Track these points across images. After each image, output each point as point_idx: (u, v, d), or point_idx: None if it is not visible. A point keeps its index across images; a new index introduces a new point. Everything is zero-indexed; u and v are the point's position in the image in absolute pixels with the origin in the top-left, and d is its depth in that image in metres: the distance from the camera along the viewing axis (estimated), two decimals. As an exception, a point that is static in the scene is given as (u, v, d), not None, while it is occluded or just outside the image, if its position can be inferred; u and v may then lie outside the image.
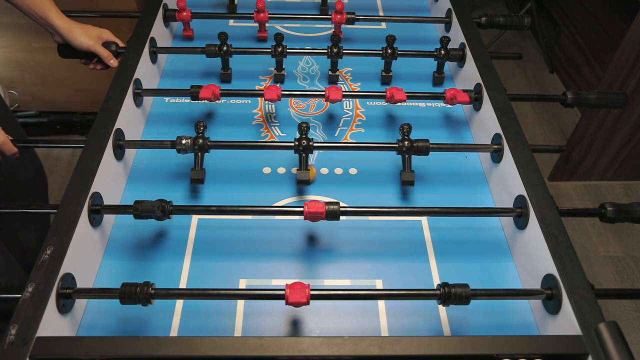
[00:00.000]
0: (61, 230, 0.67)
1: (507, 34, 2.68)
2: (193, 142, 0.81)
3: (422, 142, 0.82)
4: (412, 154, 0.83)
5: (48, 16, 0.96)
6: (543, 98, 1.00)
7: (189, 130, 0.97)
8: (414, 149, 0.82)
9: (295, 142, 0.82)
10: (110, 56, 1.02)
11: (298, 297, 0.62)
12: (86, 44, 0.99)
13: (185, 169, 0.89)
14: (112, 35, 1.04)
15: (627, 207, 0.78)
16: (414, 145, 0.82)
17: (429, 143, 0.82)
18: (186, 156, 0.89)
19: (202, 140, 0.82)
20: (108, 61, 1.02)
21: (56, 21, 0.97)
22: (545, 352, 0.58)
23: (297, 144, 0.82)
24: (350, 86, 1.09)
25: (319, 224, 0.80)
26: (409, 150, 0.83)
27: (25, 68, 1.88)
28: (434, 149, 0.83)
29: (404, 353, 0.56)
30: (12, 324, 0.57)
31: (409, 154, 0.83)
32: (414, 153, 0.83)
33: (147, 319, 0.69)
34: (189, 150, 0.82)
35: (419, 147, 0.82)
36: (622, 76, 1.68)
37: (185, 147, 0.81)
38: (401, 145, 0.83)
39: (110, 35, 1.04)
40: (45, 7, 0.96)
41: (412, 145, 0.82)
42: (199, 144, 0.81)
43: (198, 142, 0.81)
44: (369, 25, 1.26)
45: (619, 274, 1.76)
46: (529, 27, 1.17)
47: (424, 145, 0.82)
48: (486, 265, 0.78)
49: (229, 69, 1.07)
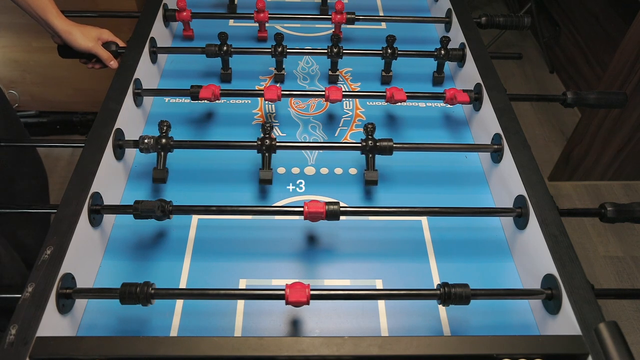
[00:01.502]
0: (61, 230, 0.67)
1: (507, 34, 2.68)
2: (156, 142, 0.82)
3: (386, 142, 0.82)
4: (376, 153, 0.83)
5: (48, 17, 0.96)
6: (543, 98, 1.00)
7: (189, 130, 0.97)
8: (378, 148, 0.82)
9: (258, 142, 0.82)
10: (110, 57, 1.02)
11: (298, 297, 0.62)
12: (85, 45, 0.99)
13: (185, 168, 0.89)
14: (112, 35, 1.04)
15: (627, 207, 0.78)
16: (377, 145, 0.82)
17: (393, 143, 0.82)
18: (185, 156, 0.90)
19: (165, 140, 0.82)
20: (108, 62, 1.03)
21: (56, 22, 0.97)
22: (545, 352, 0.58)
23: (259, 143, 0.81)
24: (350, 86, 1.09)
25: (319, 224, 0.80)
26: (373, 150, 0.83)
27: (25, 68, 1.88)
28: (397, 148, 0.83)
29: (404, 353, 0.56)
30: (12, 324, 0.57)
31: (373, 153, 0.83)
32: (377, 153, 0.83)
33: (147, 319, 0.69)
34: (152, 149, 0.82)
35: (382, 147, 0.82)
36: (622, 76, 1.68)
37: (148, 146, 0.81)
38: (364, 145, 0.83)
39: (110, 36, 1.04)
40: (46, 8, 0.96)
41: (375, 145, 0.82)
42: (161, 143, 0.82)
43: (161, 142, 0.82)
44: (369, 25, 1.26)
45: (619, 274, 1.76)
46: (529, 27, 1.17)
47: (387, 145, 0.82)
48: (486, 265, 0.78)
49: (229, 69, 1.07)
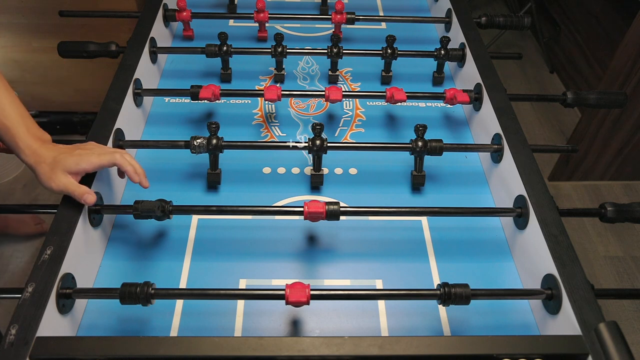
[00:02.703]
0: (61, 230, 0.67)
1: (507, 34, 2.68)
2: (208, 143, 0.80)
3: (436, 143, 0.82)
4: (426, 154, 0.84)
5: (15, 140, 0.68)
6: (543, 98, 1.00)
7: (189, 130, 0.97)
8: (429, 149, 0.82)
9: (308, 143, 0.82)
10: (82, 193, 0.69)
11: (298, 297, 0.62)
12: (56, 188, 0.68)
13: (185, 168, 0.89)
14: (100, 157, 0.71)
15: (627, 207, 0.78)
16: (428, 146, 0.82)
17: (442, 143, 0.83)
18: (185, 156, 0.89)
19: (216, 140, 0.80)
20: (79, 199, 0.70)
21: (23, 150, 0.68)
22: (545, 352, 0.57)
23: (310, 145, 0.82)
24: (350, 86, 1.09)
25: (319, 224, 0.80)
26: (422, 151, 0.83)
27: (25, 68, 1.88)
28: (447, 149, 0.84)
29: (404, 353, 0.56)
30: (12, 324, 0.57)
31: (422, 155, 0.84)
32: (427, 153, 0.83)
33: (147, 319, 0.69)
34: (204, 150, 0.81)
35: (432, 148, 0.82)
36: (622, 76, 1.68)
37: (200, 146, 0.80)
38: (414, 146, 0.83)
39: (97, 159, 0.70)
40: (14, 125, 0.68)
41: (425, 146, 0.82)
42: (212, 144, 0.80)
43: (212, 143, 0.80)
44: (369, 25, 1.26)
45: (619, 274, 1.76)
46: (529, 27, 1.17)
47: (437, 146, 0.82)
48: (486, 265, 0.78)
49: (229, 69, 1.07)
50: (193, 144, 0.81)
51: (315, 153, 0.83)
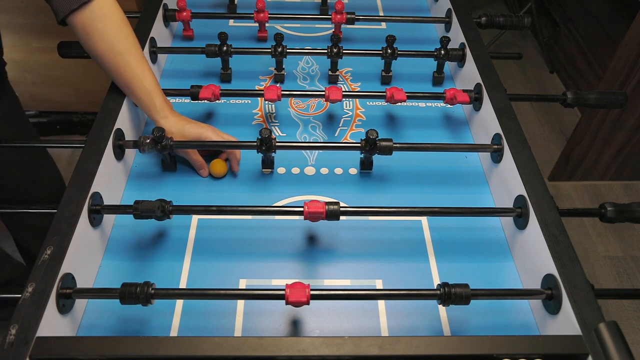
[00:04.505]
0: (61, 231, 0.67)
1: (507, 34, 2.68)
2: None
3: (386, 142, 0.82)
4: (376, 153, 0.83)
5: (152, 115, 0.86)
6: (543, 98, 1.00)
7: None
8: (378, 148, 0.82)
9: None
10: (201, 166, 0.88)
11: (298, 297, 0.62)
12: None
13: (185, 168, 0.89)
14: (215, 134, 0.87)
15: (627, 207, 0.78)
16: (378, 144, 0.82)
17: (392, 143, 0.82)
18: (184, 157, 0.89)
19: None
20: (198, 171, 0.89)
21: (162, 123, 0.86)
22: (545, 352, 0.58)
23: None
24: (350, 86, 1.09)
25: (319, 224, 0.80)
26: (372, 150, 0.83)
27: (25, 68, 1.88)
28: (397, 148, 0.83)
29: (404, 353, 0.56)
30: (12, 324, 0.57)
31: (372, 153, 0.84)
32: (377, 153, 0.83)
33: (147, 319, 0.69)
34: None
35: (382, 147, 0.82)
36: (622, 76, 1.68)
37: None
38: (363, 145, 0.83)
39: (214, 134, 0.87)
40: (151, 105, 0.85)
41: (375, 145, 0.82)
42: None
43: None
44: (369, 25, 1.26)
45: (619, 274, 1.76)
46: (529, 27, 1.17)
47: (387, 145, 0.82)
48: (486, 265, 0.78)
49: (229, 69, 1.07)
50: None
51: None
